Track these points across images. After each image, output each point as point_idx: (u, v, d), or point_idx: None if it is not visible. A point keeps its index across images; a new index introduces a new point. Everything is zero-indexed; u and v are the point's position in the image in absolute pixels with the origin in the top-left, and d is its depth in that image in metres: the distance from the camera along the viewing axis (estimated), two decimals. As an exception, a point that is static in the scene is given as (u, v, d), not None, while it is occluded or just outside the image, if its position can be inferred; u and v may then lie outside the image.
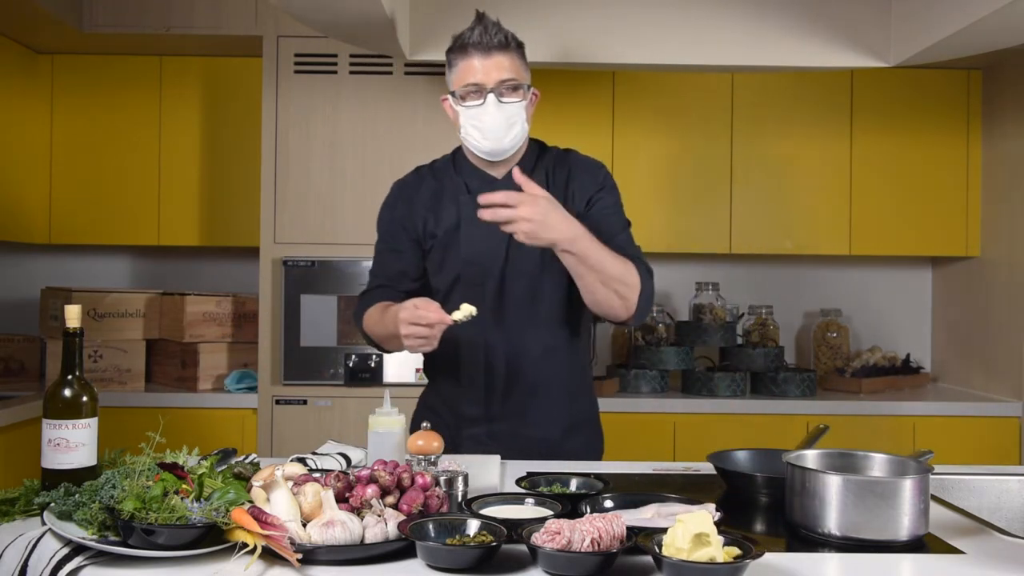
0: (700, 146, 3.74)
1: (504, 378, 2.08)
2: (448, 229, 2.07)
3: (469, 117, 1.98)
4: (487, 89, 1.96)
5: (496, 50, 1.96)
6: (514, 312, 2.06)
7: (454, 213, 2.07)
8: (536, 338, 2.08)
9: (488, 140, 1.99)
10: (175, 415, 3.35)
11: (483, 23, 1.98)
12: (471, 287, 2.05)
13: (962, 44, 2.85)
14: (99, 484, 1.42)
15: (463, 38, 1.99)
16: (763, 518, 1.67)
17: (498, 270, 2.04)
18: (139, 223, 3.72)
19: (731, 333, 3.73)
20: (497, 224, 1.86)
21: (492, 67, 1.95)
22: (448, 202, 2.09)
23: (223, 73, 3.72)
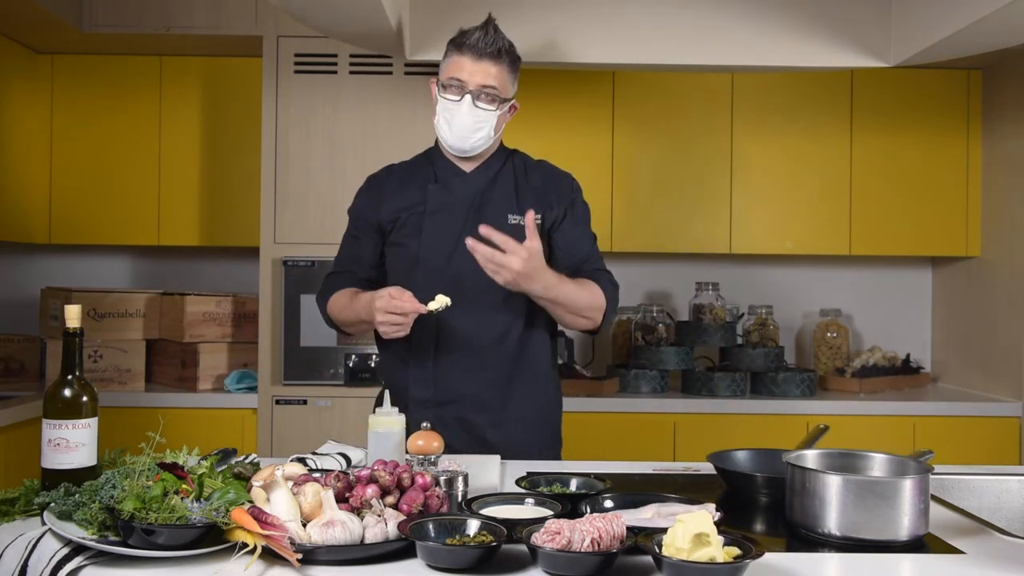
0: (700, 146, 3.74)
1: (454, 363, 2.10)
2: (413, 214, 2.14)
3: (444, 109, 2.09)
4: (466, 90, 2.06)
5: (487, 57, 2.05)
6: (470, 298, 2.08)
7: (420, 199, 2.15)
8: (491, 324, 2.11)
9: (454, 136, 2.10)
10: (175, 415, 3.35)
11: (487, 27, 2.07)
12: (430, 271, 2.10)
13: (962, 44, 2.85)
14: (99, 484, 1.42)
15: (465, 35, 2.08)
16: (763, 518, 1.67)
17: (457, 256, 2.08)
18: (139, 223, 3.72)
19: (731, 333, 3.73)
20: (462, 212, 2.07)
21: (478, 71, 2.05)
22: (415, 188, 2.17)
23: (223, 73, 3.72)
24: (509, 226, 2.09)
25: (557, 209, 2.17)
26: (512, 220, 2.12)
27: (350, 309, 2.14)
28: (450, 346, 2.11)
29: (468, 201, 2.13)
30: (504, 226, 2.07)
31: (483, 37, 2.05)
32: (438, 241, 2.11)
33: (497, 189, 2.15)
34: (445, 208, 2.13)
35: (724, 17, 3.11)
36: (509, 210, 2.13)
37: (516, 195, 2.16)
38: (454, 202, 2.13)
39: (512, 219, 2.13)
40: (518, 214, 2.13)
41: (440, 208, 2.13)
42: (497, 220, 2.09)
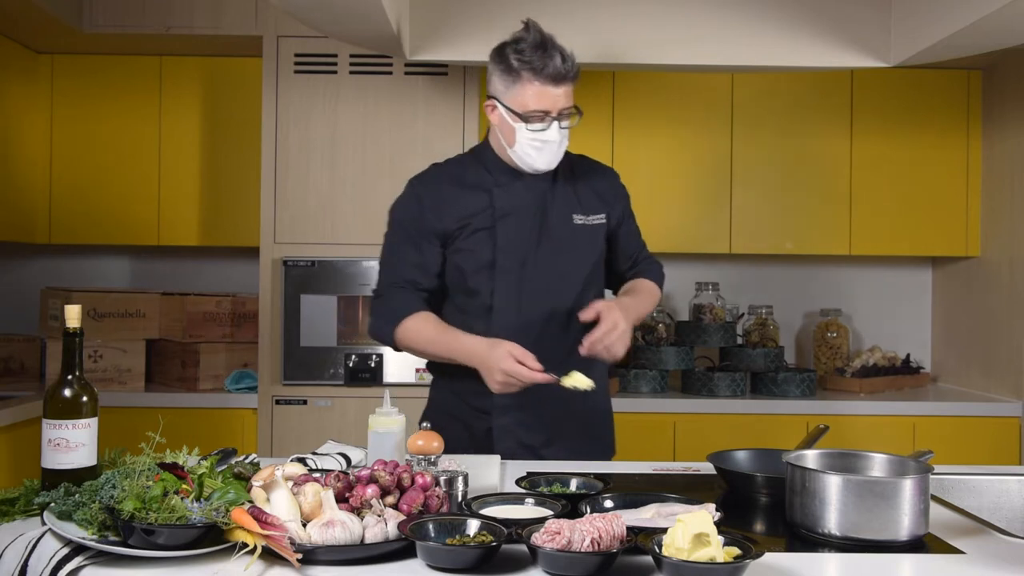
0: (700, 146, 3.74)
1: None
2: (481, 220, 2.10)
3: (530, 138, 2.03)
4: (552, 116, 2.02)
5: (567, 82, 2.02)
6: (544, 301, 2.11)
7: (485, 203, 2.11)
8: (563, 326, 2.12)
9: (543, 161, 2.07)
10: (175, 415, 3.35)
11: (556, 46, 2.00)
12: (504, 275, 2.10)
13: (962, 44, 2.85)
14: (99, 484, 1.42)
15: (537, 61, 1.99)
16: (763, 518, 1.67)
17: (531, 259, 2.10)
18: (139, 223, 3.71)
19: (731, 333, 3.72)
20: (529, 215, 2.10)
21: (561, 96, 2.02)
22: (476, 193, 2.12)
23: (223, 73, 3.72)
24: (575, 227, 2.14)
25: (616, 208, 2.22)
26: (577, 220, 2.15)
27: (441, 346, 2.06)
28: (531, 350, 2.04)
29: (533, 204, 2.12)
30: (569, 226, 2.13)
31: (562, 61, 1.99)
32: (511, 246, 2.09)
33: (558, 190, 2.15)
34: (514, 213, 2.10)
35: (724, 17, 3.11)
36: (572, 211, 2.15)
37: (576, 195, 2.17)
38: (522, 206, 2.11)
39: (577, 219, 2.15)
40: (582, 214, 2.15)
41: (509, 213, 2.10)
42: (563, 221, 2.13)
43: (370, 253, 3.38)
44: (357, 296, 3.35)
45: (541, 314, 2.10)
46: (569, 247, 2.13)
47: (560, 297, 2.12)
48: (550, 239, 2.11)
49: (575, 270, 2.14)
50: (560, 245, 2.12)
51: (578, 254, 2.14)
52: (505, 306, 2.10)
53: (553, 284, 2.11)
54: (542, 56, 1.99)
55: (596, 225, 2.17)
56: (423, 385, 3.35)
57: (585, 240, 2.15)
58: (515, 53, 2.01)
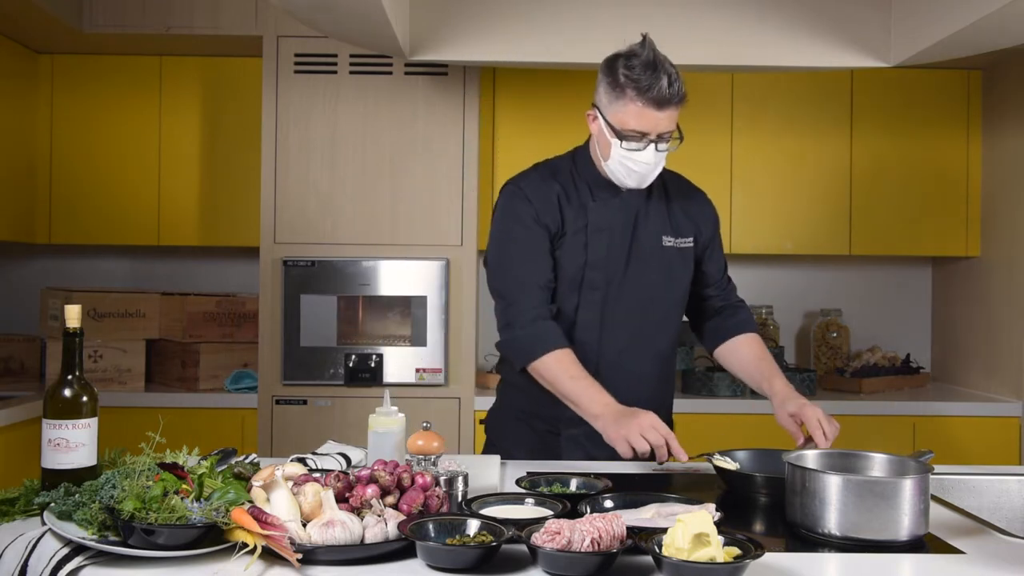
0: (700, 146, 3.74)
1: (611, 381, 2.05)
2: (575, 231, 2.08)
3: (623, 156, 2.00)
4: (650, 138, 1.98)
5: (671, 106, 1.96)
6: (628, 319, 2.10)
7: (582, 216, 2.09)
8: (645, 346, 2.12)
9: (634, 181, 2.04)
10: (175, 415, 3.35)
11: (666, 68, 1.94)
12: (591, 290, 2.08)
13: (962, 44, 2.85)
14: (99, 484, 1.42)
15: (645, 80, 1.92)
16: (761, 518, 1.67)
17: (618, 277, 2.09)
18: (139, 223, 3.71)
19: (731, 333, 3.72)
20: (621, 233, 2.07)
21: (663, 119, 1.96)
22: (574, 203, 2.10)
23: (223, 73, 3.72)
24: (664, 248, 2.12)
25: (706, 233, 2.19)
26: (667, 242, 2.12)
27: (571, 387, 1.98)
28: (609, 366, 2.09)
29: (625, 222, 2.09)
30: (658, 247, 2.11)
31: (668, 85, 1.92)
32: (600, 263, 2.08)
33: (651, 209, 2.12)
34: (606, 229, 2.08)
35: (724, 17, 3.11)
36: (664, 231, 2.12)
37: (668, 216, 2.14)
38: (615, 222, 2.09)
39: (667, 241, 2.12)
40: (672, 236, 2.13)
41: (602, 228, 2.08)
42: (652, 241, 2.11)
43: (370, 253, 3.38)
44: (357, 296, 3.35)
45: (624, 333, 2.10)
46: (657, 268, 2.11)
47: (644, 318, 2.11)
48: (639, 259, 2.10)
49: (661, 292, 2.12)
50: (649, 266, 2.10)
51: (666, 276, 2.12)
52: (587, 321, 2.08)
53: (638, 305, 2.10)
54: (650, 76, 1.92)
55: (685, 248, 2.15)
56: (423, 385, 3.37)
57: (674, 262, 2.13)
58: (625, 68, 1.94)
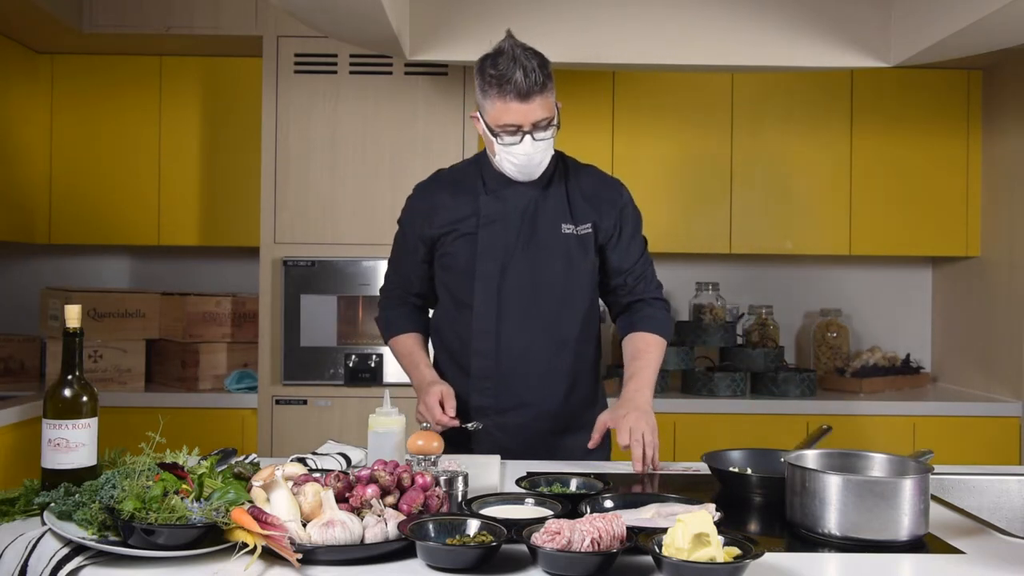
0: (700, 146, 3.74)
1: (514, 371, 2.12)
2: (466, 225, 2.12)
3: (504, 151, 2.03)
4: (524, 130, 1.99)
5: (534, 95, 1.96)
6: (526, 307, 2.11)
7: (471, 210, 2.12)
8: (547, 333, 2.12)
9: (522, 173, 2.07)
10: (175, 415, 3.35)
11: (520, 60, 1.95)
12: (485, 279, 2.10)
13: (962, 44, 2.85)
14: (99, 484, 1.42)
15: (502, 76, 1.95)
16: (758, 517, 1.67)
17: (512, 266, 2.10)
18: (139, 223, 3.71)
19: (731, 333, 3.72)
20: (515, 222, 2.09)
21: (530, 110, 1.97)
22: (466, 198, 2.14)
23: (223, 73, 3.72)
24: (563, 235, 2.11)
25: (607, 220, 2.15)
26: (566, 229, 2.12)
27: (406, 363, 2.24)
28: (511, 355, 2.12)
29: (521, 211, 2.11)
30: (557, 234, 2.11)
31: (524, 76, 1.94)
32: (492, 253, 2.10)
33: (550, 198, 2.13)
34: (499, 220, 2.11)
35: (724, 17, 3.11)
36: (562, 219, 2.12)
37: (568, 203, 2.14)
38: (508, 213, 2.11)
39: (565, 228, 2.12)
40: (571, 223, 2.12)
41: (493, 220, 2.11)
42: (551, 230, 2.11)
43: (370, 253, 3.38)
44: (357, 296, 3.36)
45: (523, 321, 2.11)
46: (555, 256, 2.11)
47: (542, 305, 2.11)
48: (536, 247, 2.10)
49: (560, 278, 2.12)
50: (545, 253, 2.11)
51: (564, 263, 2.12)
52: (484, 311, 2.11)
53: (535, 292, 2.11)
54: (507, 71, 1.95)
55: (584, 235, 2.13)
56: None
57: (572, 249, 2.12)
58: (489, 68, 1.98)
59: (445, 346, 2.22)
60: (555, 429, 2.16)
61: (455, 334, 2.17)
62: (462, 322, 2.14)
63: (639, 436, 1.96)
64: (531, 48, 2.01)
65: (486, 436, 2.14)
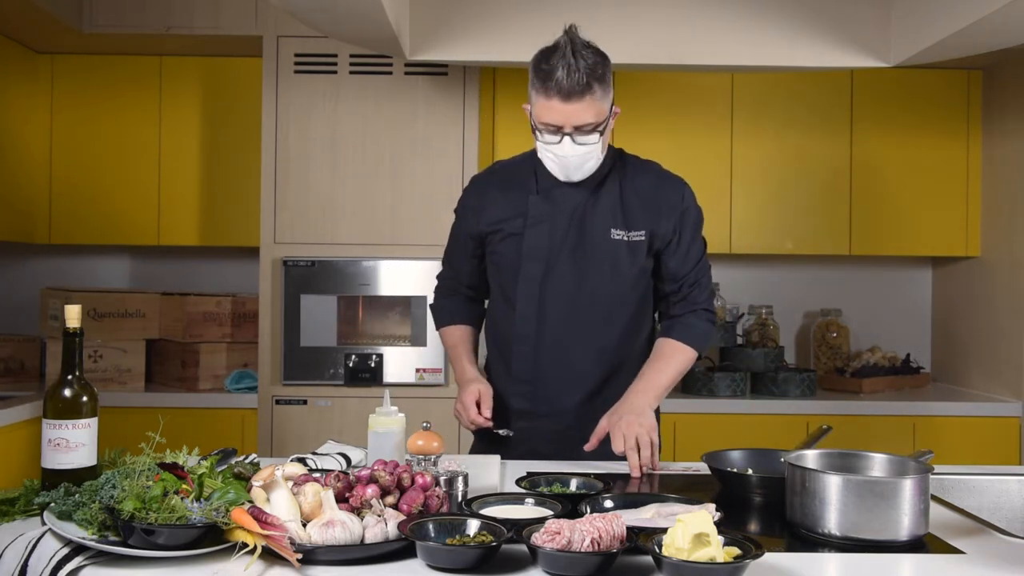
0: (700, 146, 3.74)
1: (551, 377, 2.08)
2: (513, 225, 2.09)
3: (545, 148, 1.99)
4: (564, 132, 1.94)
5: (576, 96, 1.89)
6: (568, 312, 2.07)
7: (521, 209, 2.09)
8: (587, 341, 2.08)
9: (562, 172, 2.02)
10: (175, 415, 3.35)
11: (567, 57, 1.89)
12: (528, 282, 2.07)
13: (962, 44, 2.85)
14: (99, 484, 1.42)
15: (549, 72, 1.90)
16: (758, 517, 1.67)
17: (556, 269, 2.06)
18: (139, 223, 3.71)
19: (731, 333, 3.72)
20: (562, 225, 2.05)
21: (571, 113, 1.91)
22: (517, 196, 2.10)
23: (223, 73, 3.72)
24: (611, 241, 2.05)
25: (666, 224, 2.07)
26: (616, 235, 2.05)
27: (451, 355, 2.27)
28: (549, 361, 2.08)
29: (569, 213, 2.05)
30: (606, 241, 2.05)
31: (567, 74, 1.87)
32: (537, 255, 2.06)
33: (601, 201, 2.07)
34: (546, 221, 2.06)
35: (724, 17, 3.11)
36: (613, 225, 2.06)
37: (621, 207, 2.07)
38: (555, 214, 2.06)
39: (615, 234, 2.05)
40: (622, 229, 2.05)
41: (540, 221, 2.06)
42: (599, 236, 2.05)
43: (370, 253, 3.38)
44: (357, 296, 3.36)
45: (563, 327, 2.07)
46: (602, 262, 2.05)
47: (586, 311, 2.07)
48: (582, 252, 2.05)
49: (605, 286, 2.06)
50: (592, 259, 2.05)
51: (610, 269, 2.06)
52: (526, 314, 2.07)
53: (579, 298, 2.06)
54: (551, 69, 1.89)
55: (636, 242, 2.06)
56: (423, 385, 3.37)
57: (620, 256, 2.06)
58: (540, 61, 1.93)
59: (495, 340, 2.20)
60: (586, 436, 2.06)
61: (503, 330, 2.14)
62: (510, 319, 2.11)
63: (633, 443, 1.92)
64: (591, 47, 1.94)
65: (520, 440, 2.10)
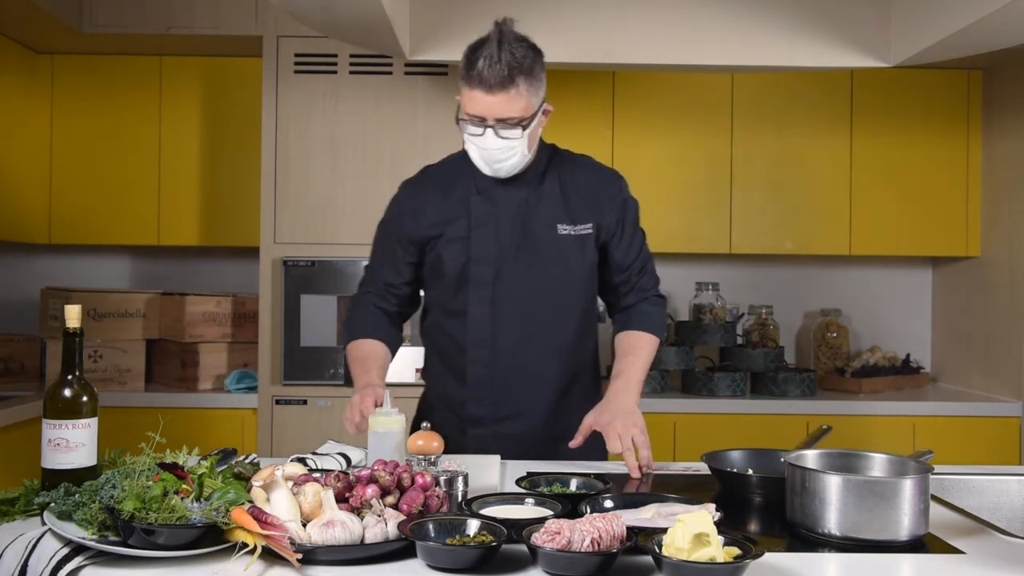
0: (700, 146, 3.74)
1: (511, 380, 2.07)
2: (457, 228, 2.06)
3: (468, 140, 1.97)
4: (487, 123, 1.91)
5: (498, 88, 1.87)
6: (522, 312, 2.06)
7: (462, 211, 2.06)
8: (544, 339, 2.07)
9: (486, 165, 1.99)
10: (175, 415, 3.35)
11: (492, 49, 1.87)
12: (479, 285, 2.05)
13: (962, 44, 2.85)
14: (99, 484, 1.42)
15: (473, 63, 1.88)
16: (758, 517, 1.67)
17: (508, 270, 2.04)
18: (139, 223, 3.72)
19: (731, 333, 3.72)
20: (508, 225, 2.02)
21: (493, 104, 1.89)
22: (457, 201, 2.07)
23: (223, 73, 3.72)
24: (559, 236, 2.05)
25: (609, 217, 2.08)
26: (562, 230, 2.05)
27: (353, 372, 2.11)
28: (508, 364, 2.07)
29: (513, 212, 2.04)
30: (553, 236, 2.04)
31: (489, 65, 1.85)
32: (485, 258, 2.04)
33: (544, 197, 2.06)
34: (491, 221, 2.04)
35: (724, 17, 3.11)
36: (558, 220, 2.05)
37: (564, 202, 2.06)
38: (499, 214, 2.04)
39: (562, 229, 2.05)
40: (568, 224, 2.05)
41: (485, 222, 2.04)
42: (546, 232, 2.04)
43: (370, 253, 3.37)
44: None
45: (518, 328, 2.05)
46: (552, 258, 2.04)
47: (540, 311, 2.06)
48: (531, 250, 2.03)
49: (558, 282, 2.06)
50: (542, 256, 2.04)
51: (562, 266, 2.05)
52: (479, 319, 2.05)
53: (532, 297, 2.05)
54: (475, 60, 1.87)
55: (584, 235, 2.06)
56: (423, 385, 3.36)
57: (571, 251, 2.05)
58: (469, 51, 1.91)
59: (437, 351, 2.16)
60: (552, 436, 2.10)
61: (448, 339, 2.11)
62: (455, 328, 2.08)
63: (629, 443, 1.92)
64: (525, 41, 1.92)
65: (483, 447, 2.08)
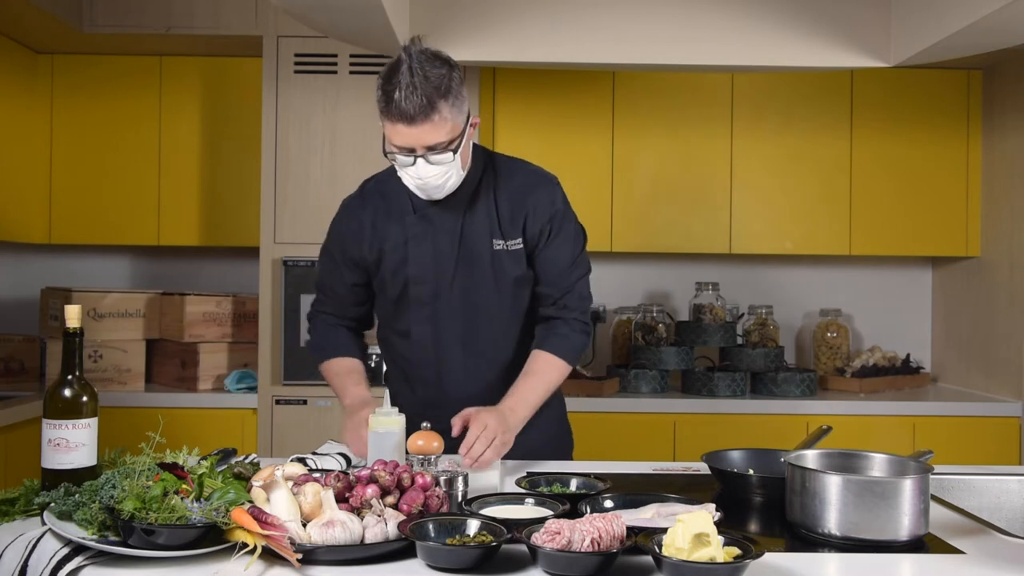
0: (700, 146, 3.74)
1: (458, 396, 2.05)
2: (395, 248, 2.05)
3: (402, 171, 1.92)
4: (417, 153, 1.87)
5: (421, 118, 1.81)
6: (464, 331, 2.06)
7: (400, 232, 2.04)
8: (487, 359, 2.08)
9: (423, 192, 1.95)
10: (175, 415, 3.35)
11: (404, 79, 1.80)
12: (419, 306, 2.05)
13: (962, 44, 2.85)
14: (99, 484, 1.42)
15: (390, 94, 1.81)
16: (758, 517, 1.67)
17: (446, 288, 2.04)
18: (139, 223, 3.71)
19: (731, 333, 3.72)
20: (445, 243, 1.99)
21: (418, 135, 1.83)
22: (394, 221, 2.05)
23: (223, 73, 3.72)
24: (494, 252, 2.02)
25: (534, 226, 2.03)
26: (497, 245, 2.02)
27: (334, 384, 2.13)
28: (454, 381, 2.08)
29: (449, 230, 2.02)
30: (489, 253, 2.02)
31: (406, 97, 1.78)
32: (424, 278, 2.03)
33: (478, 213, 2.03)
34: (427, 240, 2.02)
35: (724, 17, 3.11)
36: (493, 235, 2.02)
37: (498, 216, 2.03)
38: (436, 233, 2.02)
39: (496, 244, 2.02)
40: (500, 238, 2.02)
41: (422, 240, 2.02)
42: (482, 248, 2.02)
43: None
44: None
45: (461, 347, 2.06)
46: (488, 275, 2.02)
47: (481, 329, 2.06)
48: (468, 267, 2.02)
49: (494, 299, 2.04)
50: (478, 273, 2.02)
51: (497, 282, 2.03)
52: (422, 339, 2.06)
53: (472, 315, 2.04)
54: (391, 92, 1.80)
55: (515, 250, 2.03)
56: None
57: (505, 266, 2.03)
58: (383, 82, 1.84)
59: (396, 363, 2.18)
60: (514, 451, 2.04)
61: (400, 355, 2.14)
62: (403, 347, 2.12)
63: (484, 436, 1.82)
64: (435, 57, 1.86)
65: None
